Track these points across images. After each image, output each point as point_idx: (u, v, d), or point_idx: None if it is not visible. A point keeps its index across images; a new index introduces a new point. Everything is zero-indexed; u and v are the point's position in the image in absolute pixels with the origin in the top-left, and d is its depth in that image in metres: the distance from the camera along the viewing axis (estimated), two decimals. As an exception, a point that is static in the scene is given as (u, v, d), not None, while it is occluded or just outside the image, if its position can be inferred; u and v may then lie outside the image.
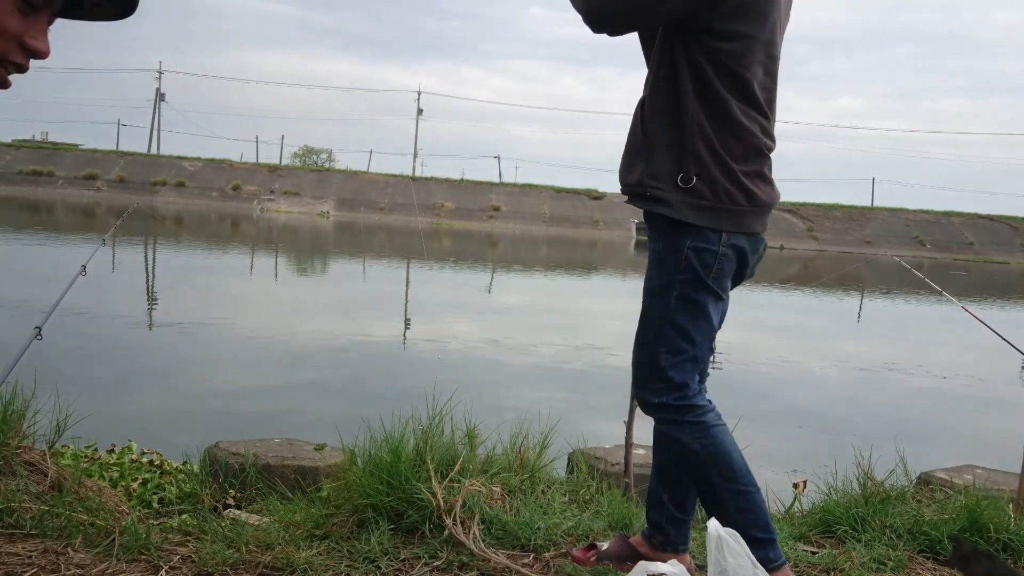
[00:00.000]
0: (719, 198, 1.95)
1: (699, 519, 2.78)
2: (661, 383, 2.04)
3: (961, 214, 50.74)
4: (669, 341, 2.02)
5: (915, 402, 7.81)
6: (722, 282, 2.02)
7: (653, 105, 2.02)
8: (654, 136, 2.01)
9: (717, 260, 1.98)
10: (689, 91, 1.95)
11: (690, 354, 2.03)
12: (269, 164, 52.97)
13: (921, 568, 2.48)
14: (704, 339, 2.05)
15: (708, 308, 2.02)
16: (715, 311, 2.05)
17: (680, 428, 2.04)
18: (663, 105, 2.00)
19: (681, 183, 1.95)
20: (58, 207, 34.67)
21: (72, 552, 2.00)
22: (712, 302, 2.03)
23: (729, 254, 1.99)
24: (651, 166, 2.01)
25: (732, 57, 1.92)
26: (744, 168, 1.96)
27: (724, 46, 1.91)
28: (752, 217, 2.01)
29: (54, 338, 2.72)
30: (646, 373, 2.07)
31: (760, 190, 2.00)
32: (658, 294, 2.04)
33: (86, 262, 3.28)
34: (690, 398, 2.04)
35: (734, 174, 1.95)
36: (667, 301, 2.02)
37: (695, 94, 1.95)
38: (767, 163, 2.03)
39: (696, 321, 2.02)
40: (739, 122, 1.94)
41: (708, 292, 2.01)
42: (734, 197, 1.96)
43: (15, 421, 2.56)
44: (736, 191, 1.96)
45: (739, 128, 1.94)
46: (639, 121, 2.06)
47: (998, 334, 3.39)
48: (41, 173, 44.89)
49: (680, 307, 2.01)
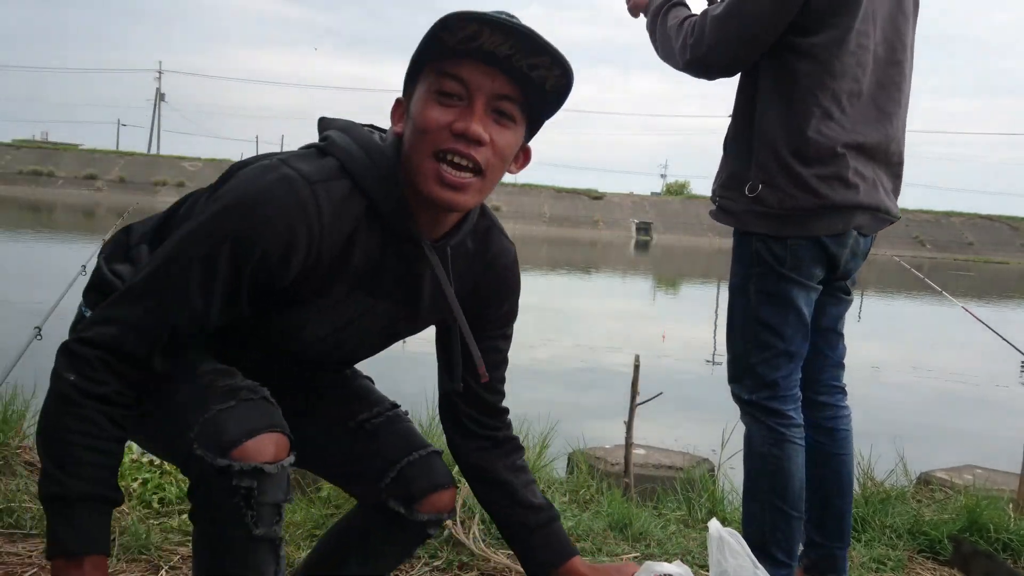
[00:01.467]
0: (783, 204, 1.89)
1: (700, 519, 2.79)
2: (751, 380, 2.00)
3: (961, 214, 50.76)
4: (756, 337, 1.98)
5: (915, 402, 7.81)
6: (803, 271, 1.94)
7: (734, 114, 2.02)
8: (731, 145, 2.02)
9: (788, 251, 1.92)
10: (763, 96, 1.92)
11: (780, 349, 1.96)
12: (269, 164, 52.93)
13: (921, 568, 2.48)
14: (796, 333, 1.97)
15: (795, 300, 1.95)
16: (805, 303, 1.97)
17: (759, 428, 2.00)
18: (740, 112, 2.00)
19: (748, 192, 1.92)
20: (58, 207, 34.66)
21: (72, 552, 2.00)
22: (798, 293, 1.95)
23: (803, 243, 1.92)
24: (725, 176, 2.01)
25: (826, 47, 1.86)
26: (817, 171, 1.88)
27: (815, 40, 1.86)
28: (822, 219, 1.91)
29: (54, 338, 2.72)
30: (737, 370, 2.04)
31: (836, 192, 1.89)
32: (738, 291, 2.01)
33: (86, 262, 3.28)
34: (780, 400, 1.98)
35: (801, 178, 1.88)
36: (747, 297, 1.99)
37: (769, 98, 1.91)
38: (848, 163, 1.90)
39: (783, 314, 1.96)
40: (814, 124, 1.87)
41: (789, 283, 1.94)
42: (800, 201, 1.89)
43: (15, 421, 2.56)
44: (804, 195, 1.88)
45: (814, 130, 1.87)
46: (727, 131, 2.05)
47: (998, 334, 3.39)
48: (41, 173, 44.90)
49: (761, 302, 1.97)
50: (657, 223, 47.31)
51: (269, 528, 1.20)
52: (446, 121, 1.19)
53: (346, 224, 1.24)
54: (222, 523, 1.20)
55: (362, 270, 1.30)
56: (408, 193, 1.26)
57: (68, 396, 1.17)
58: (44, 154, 48.38)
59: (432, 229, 1.30)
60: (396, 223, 1.27)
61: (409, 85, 1.26)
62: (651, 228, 46.69)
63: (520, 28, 1.16)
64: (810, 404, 2.08)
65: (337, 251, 1.25)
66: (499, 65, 1.19)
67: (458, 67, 1.19)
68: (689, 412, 5.96)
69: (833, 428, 2.11)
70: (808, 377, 2.08)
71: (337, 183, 1.23)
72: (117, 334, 1.18)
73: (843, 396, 2.15)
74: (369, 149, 1.27)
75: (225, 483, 1.15)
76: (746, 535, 2.06)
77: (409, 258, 1.32)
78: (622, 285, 19.93)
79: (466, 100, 1.20)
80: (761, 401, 1.99)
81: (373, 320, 1.38)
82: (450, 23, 1.16)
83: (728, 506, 2.91)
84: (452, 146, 1.19)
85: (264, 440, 1.18)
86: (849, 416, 2.15)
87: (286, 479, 1.21)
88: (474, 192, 1.22)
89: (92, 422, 1.17)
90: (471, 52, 1.18)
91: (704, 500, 2.92)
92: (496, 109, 1.21)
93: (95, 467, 1.17)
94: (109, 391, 1.18)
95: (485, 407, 1.54)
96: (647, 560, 1.59)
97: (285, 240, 1.18)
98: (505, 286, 1.49)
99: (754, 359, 1.99)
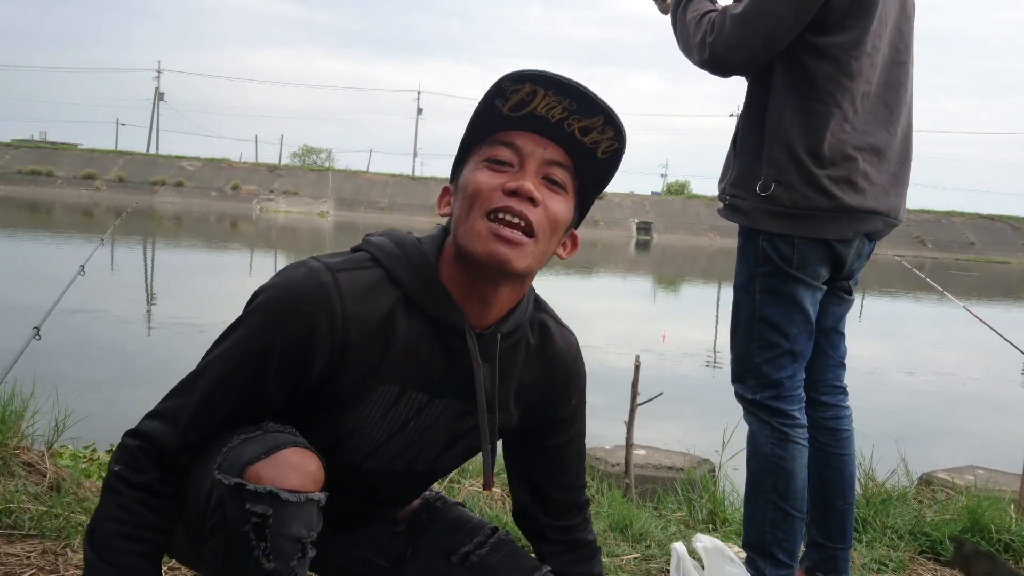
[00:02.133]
0: (797, 204, 1.88)
1: (700, 520, 2.78)
2: (756, 379, 1.99)
3: (962, 214, 50.77)
4: (761, 336, 1.97)
5: (916, 402, 7.80)
6: (809, 270, 1.94)
7: (744, 112, 2.01)
8: (742, 144, 2.00)
9: (795, 250, 1.92)
10: (778, 94, 1.91)
11: (785, 348, 1.96)
12: (268, 164, 53.04)
13: (922, 569, 2.47)
14: (802, 333, 1.97)
15: (800, 299, 1.95)
16: (811, 303, 1.97)
17: (763, 427, 1.99)
18: (751, 111, 1.99)
19: (760, 191, 1.91)
20: (57, 207, 34.67)
21: (71, 552, 2.00)
22: (804, 292, 1.95)
23: (810, 243, 1.92)
24: (735, 174, 2.00)
25: (844, 48, 1.85)
26: (831, 172, 1.88)
27: (836, 39, 1.85)
28: (836, 223, 1.91)
29: (53, 338, 2.71)
30: (741, 369, 2.03)
31: (848, 195, 1.89)
32: (743, 290, 2.01)
33: (85, 262, 3.27)
34: (784, 400, 1.97)
35: (815, 178, 1.87)
36: (752, 296, 1.98)
37: (784, 96, 1.90)
38: (860, 165, 1.90)
39: (788, 314, 1.95)
40: (832, 125, 1.87)
41: (795, 282, 1.94)
42: (814, 202, 1.88)
43: (14, 421, 2.55)
44: (818, 196, 1.88)
45: (830, 131, 1.87)
46: (735, 130, 2.04)
47: (999, 334, 3.39)
48: (40, 173, 44.90)
49: (766, 301, 1.96)
50: (657, 223, 47.34)
51: (285, 565, 1.09)
52: (498, 182, 1.18)
53: (374, 311, 1.21)
54: (231, 549, 1.10)
55: (407, 365, 1.24)
56: (455, 276, 1.23)
57: (112, 485, 1.20)
58: (43, 154, 48.38)
59: (480, 317, 1.26)
60: (434, 310, 1.23)
61: (457, 169, 1.26)
62: (651, 228, 46.73)
63: (575, 85, 1.17)
64: (812, 404, 2.07)
65: (369, 340, 1.21)
66: (552, 133, 1.20)
67: (509, 136, 1.20)
68: (690, 412, 5.95)
69: (835, 428, 2.11)
70: (810, 377, 2.07)
71: (364, 272, 1.22)
72: (157, 426, 1.20)
73: (845, 396, 2.15)
74: (402, 242, 1.27)
75: (237, 508, 1.08)
76: (747, 535, 2.06)
77: (456, 349, 1.26)
78: (622, 285, 19.92)
79: (517, 166, 1.20)
80: (765, 401, 1.98)
81: (432, 419, 1.30)
82: (504, 86, 1.17)
83: (729, 507, 2.90)
84: (505, 204, 1.17)
85: (285, 459, 1.11)
86: (851, 416, 2.14)
87: (313, 510, 1.11)
88: (527, 254, 1.18)
89: (130, 511, 1.18)
90: (523, 121, 1.19)
91: (705, 501, 2.91)
92: (547, 176, 1.21)
93: (130, 555, 1.17)
94: (149, 479, 1.19)
95: (556, 508, 1.47)
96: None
97: (307, 327, 1.17)
98: (574, 380, 1.42)
99: (758, 358, 1.98)
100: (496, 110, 1.19)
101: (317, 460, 1.15)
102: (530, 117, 1.19)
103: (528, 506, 1.48)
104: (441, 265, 1.25)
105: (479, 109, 1.21)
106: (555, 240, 1.24)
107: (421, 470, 1.37)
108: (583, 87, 1.17)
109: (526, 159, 1.20)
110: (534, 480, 1.46)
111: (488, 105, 1.19)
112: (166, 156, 52.37)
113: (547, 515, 1.47)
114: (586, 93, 1.17)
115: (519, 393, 1.35)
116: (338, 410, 1.25)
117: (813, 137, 1.87)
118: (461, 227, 1.20)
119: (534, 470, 1.45)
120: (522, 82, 1.16)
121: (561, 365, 1.39)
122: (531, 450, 1.44)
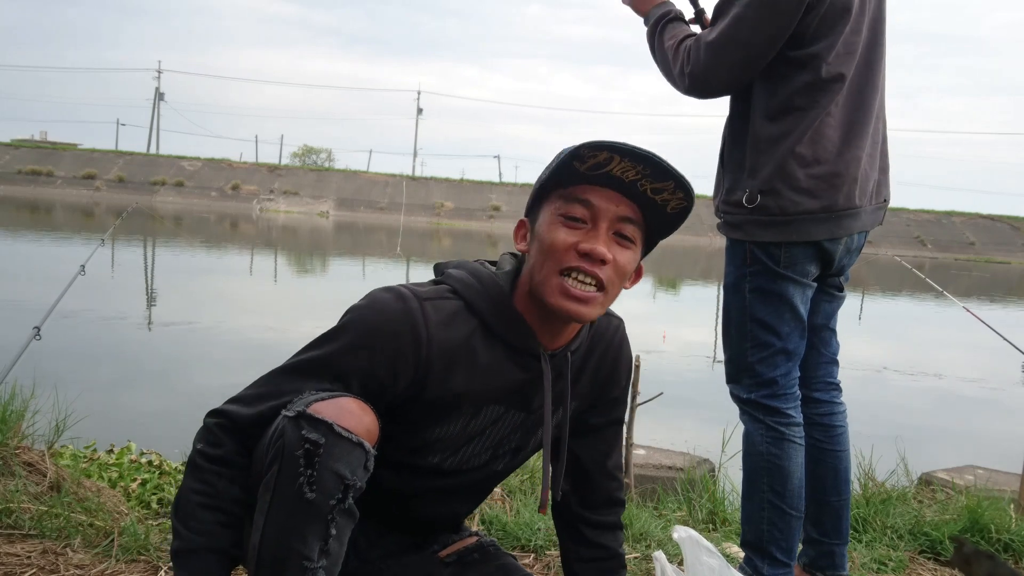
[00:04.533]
0: (786, 210, 1.89)
1: (700, 520, 2.78)
2: (749, 379, 2.00)
3: (962, 214, 50.74)
4: (752, 336, 1.98)
5: (916, 402, 7.80)
6: (797, 268, 1.94)
7: (728, 125, 2.03)
8: (728, 158, 2.02)
9: (783, 250, 1.92)
10: (759, 104, 1.92)
11: (778, 347, 1.97)
12: (268, 164, 52.96)
13: (922, 569, 2.47)
14: (793, 331, 1.97)
15: (790, 297, 1.95)
16: (801, 300, 1.97)
17: (758, 427, 1.99)
18: (734, 124, 2.00)
19: (746, 203, 1.92)
20: (57, 207, 34.66)
21: (71, 553, 2.00)
22: (794, 290, 1.95)
23: (797, 242, 1.92)
24: (724, 189, 2.01)
25: (822, 57, 1.87)
26: (814, 172, 1.89)
27: (811, 50, 1.87)
28: (826, 224, 1.92)
29: (53, 338, 2.71)
30: (735, 369, 2.04)
31: (835, 194, 1.90)
32: (733, 290, 2.01)
33: (85, 262, 3.28)
34: (779, 399, 1.98)
35: (799, 181, 1.88)
36: (742, 296, 1.99)
37: (765, 105, 1.92)
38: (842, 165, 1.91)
39: (778, 313, 1.96)
40: (809, 127, 1.88)
41: (784, 281, 1.94)
42: (802, 205, 1.89)
43: (14, 421, 2.55)
44: (805, 199, 1.89)
45: (808, 133, 1.88)
46: (721, 144, 2.05)
47: (999, 334, 3.39)
48: (40, 173, 44.85)
49: (757, 300, 1.97)
50: (657, 223, 47.19)
51: (325, 501, 1.16)
52: (572, 242, 1.28)
53: (456, 335, 1.32)
54: (280, 475, 1.18)
55: (486, 386, 1.36)
56: (530, 307, 1.35)
57: (194, 461, 1.32)
58: (43, 154, 48.35)
59: (552, 340, 1.38)
60: (511, 336, 1.35)
61: (534, 207, 1.36)
62: (651, 228, 46.59)
63: (649, 156, 1.25)
64: (805, 401, 2.08)
65: (450, 362, 1.32)
66: (624, 190, 1.29)
67: (585, 192, 1.29)
68: (689, 412, 5.95)
69: (828, 424, 2.11)
70: (802, 374, 2.08)
71: (447, 301, 1.34)
72: (234, 407, 1.32)
73: (838, 392, 2.15)
74: (479, 275, 1.38)
75: (294, 433, 1.17)
76: (745, 534, 2.06)
77: (531, 369, 1.38)
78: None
79: (590, 223, 1.29)
80: (760, 400, 1.98)
81: (504, 426, 1.42)
82: (582, 153, 1.24)
83: (729, 506, 2.90)
84: (578, 264, 1.27)
85: (344, 404, 1.21)
86: (844, 412, 2.14)
87: (361, 459, 1.19)
88: (597, 305, 1.30)
89: (210, 484, 1.29)
90: (599, 178, 1.27)
91: (705, 501, 2.91)
92: (618, 231, 1.30)
93: (212, 524, 1.28)
94: (225, 452, 1.30)
95: (592, 498, 1.57)
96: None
97: (393, 347, 1.28)
98: (623, 362, 1.54)
99: (752, 358, 1.98)
100: (574, 168, 1.27)
101: (374, 417, 1.24)
102: (606, 176, 1.27)
103: (566, 495, 1.55)
104: (516, 295, 1.37)
105: (557, 166, 1.29)
106: (622, 284, 1.35)
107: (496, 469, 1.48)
108: (657, 157, 1.26)
109: (599, 217, 1.29)
110: (579, 460, 1.54)
111: (566, 164, 1.27)
112: (166, 156, 52.31)
113: (583, 506, 1.57)
114: (660, 163, 1.26)
115: (580, 384, 1.47)
116: (420, 423, 1.36)
117: (795, 141, 1.88)
118: (537, 275, 1.31)
119: (581, 450, 1.54)
120: (600, 150, 1.24)
121: (611, 348, 1.50)
122: (581, 430, 1.53)
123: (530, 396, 1.40)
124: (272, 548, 1.18)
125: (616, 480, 1.59)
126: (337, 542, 1.19)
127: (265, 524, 1.19)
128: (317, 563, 1.17)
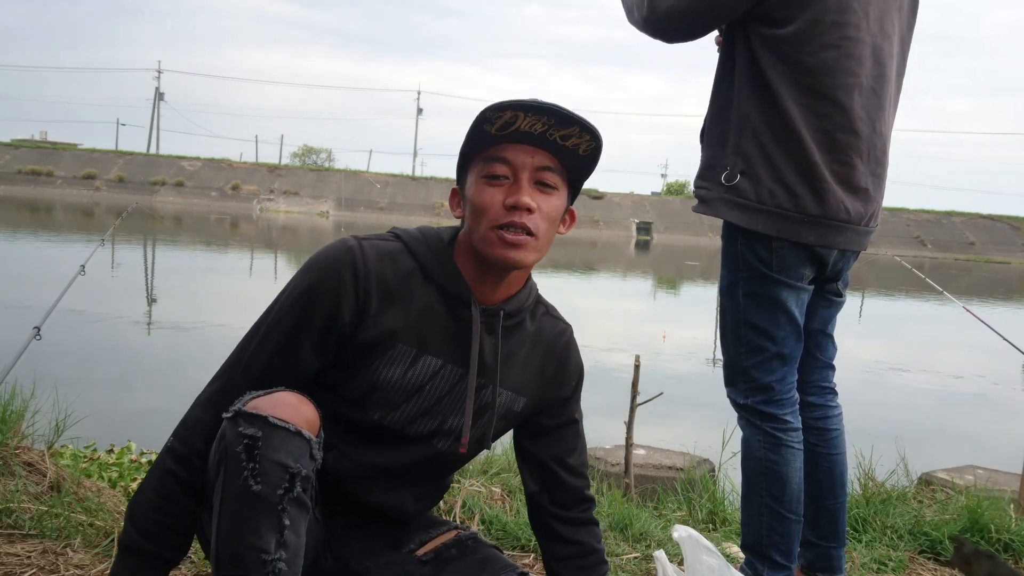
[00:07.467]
0: (761, 199, 1.85)
1: (700, 520, 2.78)
2: (746, 384, 1.98)
3: (962, 214, 50.74)
4: (748, 341, 1.96)
5: (916, 402, 7.80)
6: (791, 272, 1.91)
7: (712, 101, 1.99)
8: (709, 134, 1.98)
9: (774, 253, 1.89)
10: (744, 84, 1.89)
11: (772, 352, 1.94)
12: (268, 164, 52.98)
13: (922, 569, 2.47)
14: (788, 335, 1.95)
15: (784, 302, 1.92)
16: (796, 304, 1.94)
17: (755, 432, 1.98)
18: (718, 100, 1.96)
19: (724, 180, 1.89)
20: (57, 207, 34.66)
21: (71, 552, 2.00)
22: (788, 295, 1.92)
23: (788, 244, 1.88)
24: (702, 165, 1.98)
25: (792, 42, 1.82)
26: (796, 171, 1.84)
27: (780, 32, 1.83)
28: (804, 227, 1.86)
29: (53, 338, 2.71)
30: (732, 374, 2.02)
31: (809, 201, 1.85)
32: (727, 295, 1.99)
33: (85, 262, 3.28)
34: (775, 404, 1.96)
35: (781, 175, 1.84)
36: (736, 301, 1.97)
37: (749, 87, 1.88)
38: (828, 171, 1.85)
39: (773, 317, 1.93)
40: (795, 120, 1.83)
41: (777, 285, 1.91)
42: (778, 200, 1.85)
43: (14, 421, 2.55)
44: (781, 194, 1.85)
45: (793, 127, 1.83)
46: (703, 123, 2.02)
47: (999, 334, 3.39)
48: (40, 173, 44.85)
49: (750, 305, 1.94)
50: (657, 223, 47.30)
51: (272, 491, 1.18)
52: (498, 199, 1.36)
53: (393, 273, 1.39)
54: (227, 475, 1.20)
55: (421, 328, 1.41)
56: (467, 263, 1.42)
57: (161, 458, 1.36)
58: (43, 154, 48.35)
59: (488, 297, 1.44)
60: (445, 281, 1.41)
61: (461, 175, 1.44)
62: (651, 228, 46.70)
63: (549, 107, 1.32)
64: (800, 405, 2.05)
65: (387, 297, 1.38)
66: (536, 142, 1.37)
67: (501, 151, 1.37)
68: (689, 412, 5.96)
69: (823, 428, 2.09)
70: (798, 378, 2.06)
71: (387, 243, 1.42)
72: (207, 393, 1.39)
73: (833, 396, 2.13)
74: (422, 229, 1.47)
75: (233, 431, 1.20)
76: (744, 537, 2.06)
77: (464, 319, 1.43)
78: (622, 285, 19.92)
79: (512, 178, 1.37)
80: (756, 405, 1.97)
81: (447, 386, 1.44)
82: (488, 115, 1.33)
83: (729, 506, 2.90)
84: (508, 220, 1.35)
85: (280, 397, 1.25)
86: (840, 416, 2.13)
87: (303, 447, 1.21)
88: (532, 249, 1.38)
89: (166, 487, 1.33)
90: (511, 136, 1.35)
91: (705, 501, 2.91)
92: (539, 180, 1.38)
93: (158, 527, 1.33)
94: (191, 451, 1.33)
95: (563, 497, 1.59)
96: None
97: (336, 280, 1.36)
98: (570, 364, 1.58)
99: (747, 363, 1.97)
100: (485, 132, 1.35)
101: (313, 408, 1.28)
102: (516, 133, 1.35)
103: (536, 496, 1.60)
104: (456, 251, 1.43)
105: (470, 132, 1.37)
106: (553, 229, 1.42)
107: (440, 448, 1.49)
108: (556, 106, 1.33)
109: (519, 170, 1.37)
110: (542, 461, 1.58)
111: (478, 129, 1.36)
112: (166, 156, 52.31)
113: (554, 504, 1.59)
114: (561, 111, 1.33)
115: (523, 376, 1.51)
116: (363, 362, 1.40)
117: (779, 133, 1.84)
118: (474, 235, 1.38)
119: (542, 450, 1.59)
120: (503, 110, 1.32)
121: (556, 349, 1.56)
122: (537, 431, 1.58)
123: (465, 351, 1.43)
124: (228, 545, 1.19)
125: (584, 478, 1.62)
126: (293, 534, 1.20)
127: (219, 524, 1.20)
128: (275, 555, 1.18)
